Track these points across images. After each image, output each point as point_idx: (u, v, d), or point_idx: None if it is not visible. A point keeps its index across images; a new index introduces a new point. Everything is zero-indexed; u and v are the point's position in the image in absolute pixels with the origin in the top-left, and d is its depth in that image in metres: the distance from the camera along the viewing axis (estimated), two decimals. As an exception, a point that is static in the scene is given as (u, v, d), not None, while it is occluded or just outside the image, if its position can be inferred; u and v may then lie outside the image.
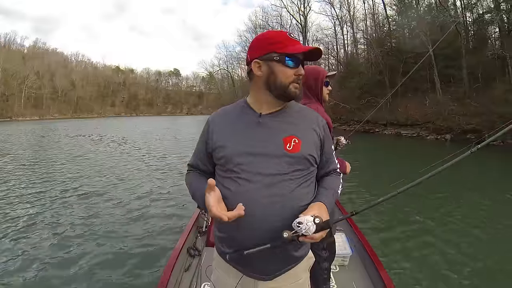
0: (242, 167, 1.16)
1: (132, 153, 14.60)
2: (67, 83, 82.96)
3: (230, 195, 1.17)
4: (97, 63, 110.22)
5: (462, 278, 3.67)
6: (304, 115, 1.29)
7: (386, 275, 2.45)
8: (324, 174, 1.31)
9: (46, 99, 74.45)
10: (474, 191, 7.67)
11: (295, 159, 1.16)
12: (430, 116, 21.58)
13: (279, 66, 1.16)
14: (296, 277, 1.27)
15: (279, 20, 46.86)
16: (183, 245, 2.94)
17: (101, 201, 6.70)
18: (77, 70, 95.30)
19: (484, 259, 4.09)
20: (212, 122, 1.32)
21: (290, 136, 1.18)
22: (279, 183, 1.13)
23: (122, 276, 3.72)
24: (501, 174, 10.35)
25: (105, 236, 4.83)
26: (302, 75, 1.18)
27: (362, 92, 28.56)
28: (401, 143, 20.76)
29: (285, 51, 1.15)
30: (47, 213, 5.88)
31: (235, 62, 66.70)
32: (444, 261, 4.06)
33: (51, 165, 11.05)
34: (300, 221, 1.02)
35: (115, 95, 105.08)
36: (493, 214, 5.85)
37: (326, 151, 1.29)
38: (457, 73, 22.50)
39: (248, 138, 1.19)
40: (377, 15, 34.23)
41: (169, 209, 6.20)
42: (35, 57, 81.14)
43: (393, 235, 4.90)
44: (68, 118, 68.90)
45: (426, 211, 5.99)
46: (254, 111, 1.24)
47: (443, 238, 4.80)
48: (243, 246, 1.11)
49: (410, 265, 3.94)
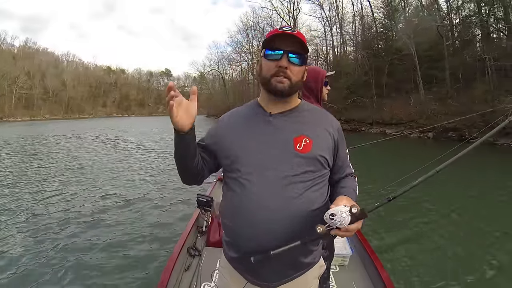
0: (250, 168, 1.12)
1: (132, 153, 14.68)
2: (58, 84, 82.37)
3: (236, 197, 1.14)
4: (88, 63, 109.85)
5: (462, 278, 3.68)
6: (317, 115, 1.25)
7: (386, 275, 2.43)
8: (340, 179, 1.26)
9: (37, 100, 73.92)
10: (473, 190, 7.66)
11: (306, 160, 1.11)
12: (414, 115, 22.46)
13: (263, 60, 1.15)
14: (306, 285, 1.23)
15: (270, 22, 47.28)
16: (183, 245, 2.92)
17: (101, 201, 6.69)
18: (68, 70, 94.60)
19: (485, 259, 4.09)
20: (221, 121, 1.30)
21: (301, 136, 1.13)
22: (288, 185, 1.09)
23: (122, 276, 3.72)
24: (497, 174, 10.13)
25: (105, 236, 4.82)
26: (283, 67, 1.10)
27: (349, 92, 29.44)
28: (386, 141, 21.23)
29: (265, 44, 1.15)
30: (47, 212, 5.90)
31: (226, 62, 67.07)
32: (444, 261, 4.07)
33: (51, 165, 11.21)
34: (333, 213, 0.93)
35: (107, 95, 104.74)
36: (493, 214, 5.90)
37: (340, 155, 1.24)
38: (440, 74, 23.41)
39: (257, 138, 1.16)
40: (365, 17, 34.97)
41: (169, 209, 6.20)
42: (25, 57, 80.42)
43: (393, 235, 4.87)
44: (59, 119, 68.24)
45: (426, 211, 6.01)
46: (264, 111, 1.20)
47: (443, 238, 4.84)
48: (249, 251, 1.08)
49: (410, 265, 3.94)
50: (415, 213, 5.84)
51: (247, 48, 55.00)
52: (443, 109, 20.54)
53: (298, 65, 1.13)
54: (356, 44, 35.07)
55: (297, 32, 1.11)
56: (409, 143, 19.79)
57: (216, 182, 5.03)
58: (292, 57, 1.11)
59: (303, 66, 1.16)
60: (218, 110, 49.93)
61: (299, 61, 1.13)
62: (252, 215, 1.08)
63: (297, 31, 1.13)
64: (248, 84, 56.89)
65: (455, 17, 25.81)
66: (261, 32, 48.64)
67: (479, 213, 5.96)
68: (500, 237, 4.83)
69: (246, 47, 55.30)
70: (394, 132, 23.31)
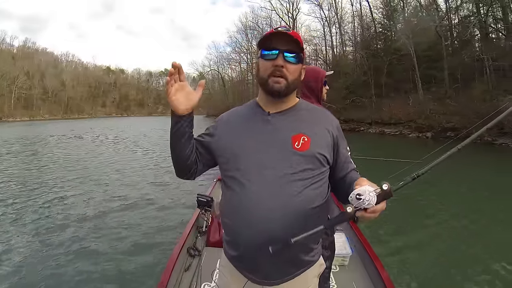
0: (249, 167, 1.13)
1: (131, 153, 14.74)
2: (58, 84, 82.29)
3: (235, 196, 1.15)
4: (87, 63, 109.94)
5: (462, 278, 3.69)
6: (315, 114, 1.26)
7: (386, 275, 2.43)
8: (345, 175, 1.22)
9: (36, 100, 73.81)
10: (473, 190, 7.71)
11: (304, 158, 1.12)
12: (412, 115, 22.57)
13: (260, 61, 1.17)
14: (305, 283, 1.23)
15: (269, 22, 47.34)
16: (183, 245, 2.92)
17: (100, 201, 6.70)
18: (68, 70, 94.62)
19: (485, 259, 4.10)
20: (220, 120, 1.31)
21: (299, 134, 1.14)
22: (287, 183, 1.09)
23: (122, 276, 3.74)
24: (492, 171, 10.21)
25: (105, 236, 4.84)
26: (279, 65, 1.12)
27: (348, 92, 29.55)
28: (385, 141, 21.64)
29: (261, 45, 1.16)
30: (47, 212, 5.93)
31: (225, 63, 67.12)
32: (444, 261, 4.06)
33: (50, 165, 11.24)
34: (360, 193, 0.89)
35: (106, 95, 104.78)
36: (493, 213, 5.94)
37: (342, 152, 1.24)
38: (439, 74, 23.57)
39: (256, 137, 1.17)
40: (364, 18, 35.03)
41: (169, 209, 6.21)
42: (25, 57, 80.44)
43: (393, 235, 4.87)
44: (58, 119, 68.12)
45: (426, 211, 6.02)
46: (263, 110, 1.22)
47: (443, 237, 4.86)
48: (249, 249, 1.11)
49: (410, 265, 3.94)
50: (415, 213, 5.85)
51: (246, 49, 55.18)
52: (441, 109, 20.66)
53: (294, 63, 1.14)
54: (355, 44, 35.18)
55: (292, 32, 1.12)
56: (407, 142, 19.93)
57: (216, 182, 5.02)
58: (288, 56, 1.12)
59: (300, 64, 1.17)
60: (218, 110, 49.81)
61: (295, 60, 1.14)
62: (251, 214, 1.09)
63: (292, 30, 1.14)
64: (247, 84, 56.92)
65: (454, 17, 25.96)
66: (260, 32, 48.75)
67: (479, 213, 5.97)
68: (500, 235, 4.84)
69: (245, 47, 55.49)
70: (392, 132, 23.48)
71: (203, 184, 7.24)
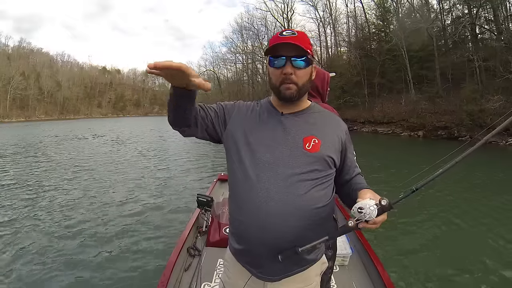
0: (259, 161, 1.15)
1: (130, 153, 14.71)
2: (53, 84, 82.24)
3: (243, 191, 1.17)
4: (83, 63, 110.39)
5: (463, 278, 3.68)
6: (326, 117, 1.29)
7: (386, 275, 2.43)
8: (351, 178, 1.27)
9: (32, 100, 73.65)
10: (472, 190, 7.66)
11: (314, 159, 1.14)
12: (404, 114, 23.07)
13: (270, 69, 1.19)
14: (307, 281, 1.24)
15: (264, 23, 47.51)
16: (183, 245, 2.91)
17: (99, 201, 6.67)
18: (63, 70, 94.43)
19: (485, 258, 4.08)
20: (238, 103, 1.34)
21: (310, 136, 1.17)
22: (295, 182, 1.12)
23: (122, 276, 3.74)
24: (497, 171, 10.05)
25: (104, 237, 4.83)
26: (288, 74, 1.14)
27: (342, 92, 29.93)
28: (378, 139, 22.02)
29: (268, 52, 1.18)
30: (47, 212, 5.96)
31: (221, 63, 66.80)
32: (445, 261, 4.06)
33: (50, 166, 11.38)
34: (361, 206, 0.96)
35: (102, 96, 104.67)
36: (493, 213, 5.89)
37: (349, 156, 1.28)
38: (430, 74, 23.96)
39: (269, 134, 1.19)
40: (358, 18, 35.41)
41: (169, 209, 6.17)
42: (20, 57, 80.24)
43: (393, 235, 4.85)
44: (54, 120, 68.00)
45: (426, 211, 5.97)
46: (277, 110, 1.24)
47: (443, 237, 4.85)
48: (253, 245, 1.14)
49: (410, 265, 3.94)
50: (415, 213, 5.82)
51: (241, 49, 55.18)
52: (432, 108, 21.12)
53: (303, 68, 1.15)
54: (349, 44, 35.54)
55: (297, 35, 1.14)
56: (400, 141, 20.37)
57: (216, 182, 5.01)
58: (295, 61, 1.13)
59: (309, 67, 1.18)
60: (213, 110, 49.75)
61: (304, 64, 1.15)
62: (258, 209, 1.10)
63: (298, 32, 1.16)
64: (242, 85, 57.00)
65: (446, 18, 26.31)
66: (256, 32, 48.98)
67: (481, 214, 5.91)
68: (503, 237, 4.80)
69: (241, 47, 55.44)
70: (385, 131, 23.91)
71: (203, 184, 7.47)
